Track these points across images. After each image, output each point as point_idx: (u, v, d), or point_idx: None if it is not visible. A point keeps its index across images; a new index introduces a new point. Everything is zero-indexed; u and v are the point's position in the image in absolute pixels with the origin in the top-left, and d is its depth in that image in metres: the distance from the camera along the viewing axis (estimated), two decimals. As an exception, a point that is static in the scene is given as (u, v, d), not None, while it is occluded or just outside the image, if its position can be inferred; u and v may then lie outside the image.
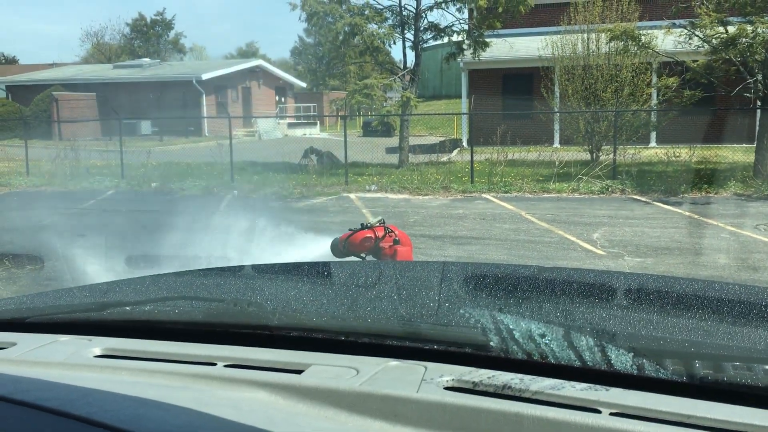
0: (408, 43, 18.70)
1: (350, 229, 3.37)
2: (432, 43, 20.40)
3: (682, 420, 0.92)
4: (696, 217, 11.36)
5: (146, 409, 0.91)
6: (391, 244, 3.24)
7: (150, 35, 56.50)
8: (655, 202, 12.85)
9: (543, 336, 1.11)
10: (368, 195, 14.55)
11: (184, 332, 1.30)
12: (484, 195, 14.21)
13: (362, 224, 3.32)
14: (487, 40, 18.84)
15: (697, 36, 14.41)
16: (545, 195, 14.11)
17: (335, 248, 3.38)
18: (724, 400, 0.97)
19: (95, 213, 12.76)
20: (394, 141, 20.86)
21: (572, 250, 8.94)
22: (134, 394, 0.98)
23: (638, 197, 13.51)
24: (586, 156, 17.14)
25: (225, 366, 1.15)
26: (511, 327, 1.14)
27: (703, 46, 14.48)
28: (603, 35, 16.35)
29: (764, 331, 1.21)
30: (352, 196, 14.47)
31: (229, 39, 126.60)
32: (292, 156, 19.16)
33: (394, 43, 18.52)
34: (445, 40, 19.45)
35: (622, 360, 1.05)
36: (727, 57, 13.91)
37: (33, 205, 13.36)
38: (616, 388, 1.01)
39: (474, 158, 15.89)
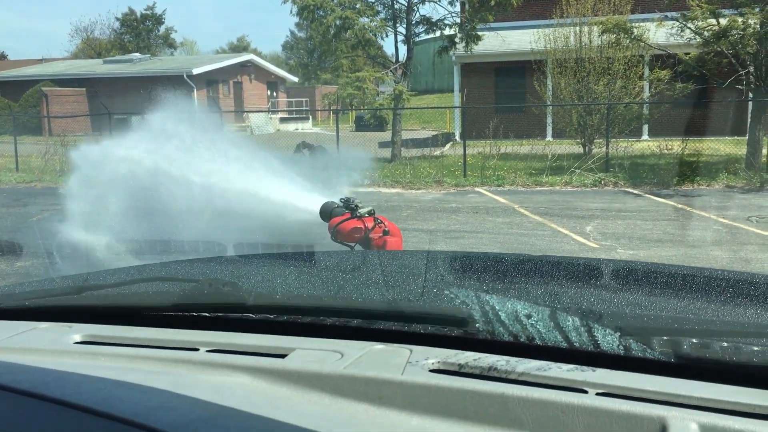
0: (400, 37, 18.67)
1: (341, 199, 3.38)
2: (424, 36, 20.39)
3: (669, 399, 0.91)
4: (688, 209, 11.40)
5: (121, 390, 0.89)
6: (381, 234, 3.23)
7: (140, 30, 56.11)
8: (647, 195, 12.89)
9: (529, 317, 1.09)
10: (361, 189, 14.51)
11: (166, 318, 1.28)
12: (476, 189, 14.21)
13: (346, 200, 3.32)
14: (480, 33, 18.81)
15: (689, 28, 14.43)
16: (538, 188, 14.13)
17: (324, 214, 3.41)
18: (711, 379, 0.96)
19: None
20: (386, 135, 20.83)
21: (565, 243, 8.95)
22: (113, 378, 0.96)
23: (631, 190, 13.54)
24: (579, 149, 17.16)
25: (207, 351, 1.13)
26: (497, 308, 1.12)
27: (695, 39, 14.50)
28: (595, 28, 16.35)
29: (752, 311, 1.20)
30: (346, 190, 14.44)
31: (219, 33, 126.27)
32: (284, 151, 19.09)
33: (386, 36, 18.49)
34: (437, 33, 19.42)
35: (608, 340, 1.04)
36: (719, 49, 13.94)
37: (23, 202, 13.27)
38: (602, 368, 1.00)
39: (467, 152, 15.88)
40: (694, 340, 1.05)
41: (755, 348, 1.05)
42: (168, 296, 1.37)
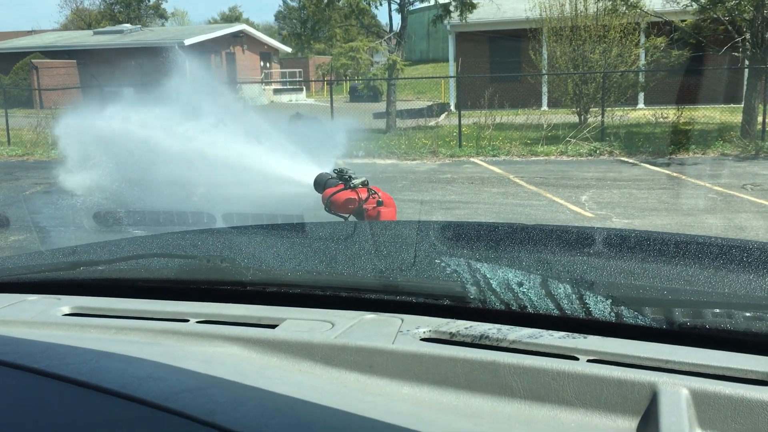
0: (394, 6, 18.43)
1: (334, 170, 3.38)
2: (418, 5, 20.12)
3: (660, 365, 0.91)
4: (684, 177, 11.40)
5: (109, 361, 0.89)
6: (375, 205, 3.22)
7: (130, 0, 55.18)
8: (642, 164, 12.88)
9: (521, 285, 1.09)
10: (356, 160, 14.46)
11: (157, 290, 1.27)
12: (472, 159, 14.17)
13: (340, 171, 3.32)
14: (474, 1, 18.57)
15: (686, -5, 14.28)
16: (533, 158, 14.09)
17: (318, 185, 3.41)
18: (701, 345, 0.96)
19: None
20: (381, 106, 20.69)
21: (561, 212, 8.96)
22: (101, 349, 0.95)
23: (626, 159, 13.52)
24: (574, 118, 17.09)
25: (197, 322, 1.12)
26: (488, 276, 1.11)
27: (691, 5, 14.35)
28: (591, -5, 16.16)
29: (745, 277, 1.20)
30: (340, 161, 14.39)
31: (211, 3, 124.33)
32: (277, 123, 18.96)
33: (380, 5, 18.22)
34: (432, 2, 19.17)
35: (600, 308, 1.03)
36: (715, 16, 13.80)
37: (15, 176, 13.19)
38: (594, 335, 1.00)
39: (462, 122, 15.80)
40: (687, 309, 1.04)
41: (746, 314, 1.05)
42: (165, 272, 1.36)
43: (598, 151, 14.19)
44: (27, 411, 0.77)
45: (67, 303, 1.23)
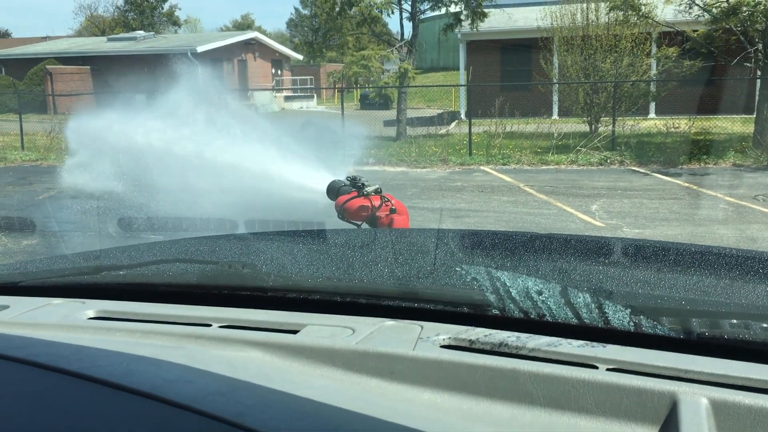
0: (405, 14, 18.50)
1: (348, 178, 3.40)
2: (429, 13, 20.18)
3: (680, 375, 0.92)
4: (695, 188, 11.35)
5: (138, 364, 0.91)
6: (388, 213, 3.23)
7: (144, 7, 55.66)
8: (653, 174, 12.83)
9: (540, 293, 1.10)
10: (366, 168, 14.49)
11: (179, 295, 1.29)
12: (482, 167, 14.17)
13: (353, 179, 3.33)
14: (486, 10, 18.61)
15: (698, 5, 14.25)
16: (544, 167, 14.07)
17: (331, 192, 3.42)
18: (721, 355, 0.97)
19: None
20: (391, 114, 20.74)
21: (571, 221, 8.94)
22: (128, 352, 0.97)
23: (637, 168, 13.48)
24: (585, 127, 17.05)
25: (220, 327, 1.14)
26: (507, 285, 1.13)
27: (703, 15, 14.32)
28: (602, 5, 16.15)
29: (762, 288, 1.21)
30: (350, 168, 14.42)
31: (223, 11, 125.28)
32: (289, 129, 19.00)
33: (392, 13, 18.30)
34: (443, 10, 19.23)
35: (619, 317, 1.04)
36: (728, 26, 13.77)
37: (29, 180, 13.31)
38: (613, 344, 1.00)
39: (472, 130, 15.81)
40: (705, 319, 1.05)
41: (764, 325, 1.06)
42: (188, 277, 1.38)
43: (608, 161, 14.15)
44: (60, 412, 0.79)
45: (91, 307, 1.25)
